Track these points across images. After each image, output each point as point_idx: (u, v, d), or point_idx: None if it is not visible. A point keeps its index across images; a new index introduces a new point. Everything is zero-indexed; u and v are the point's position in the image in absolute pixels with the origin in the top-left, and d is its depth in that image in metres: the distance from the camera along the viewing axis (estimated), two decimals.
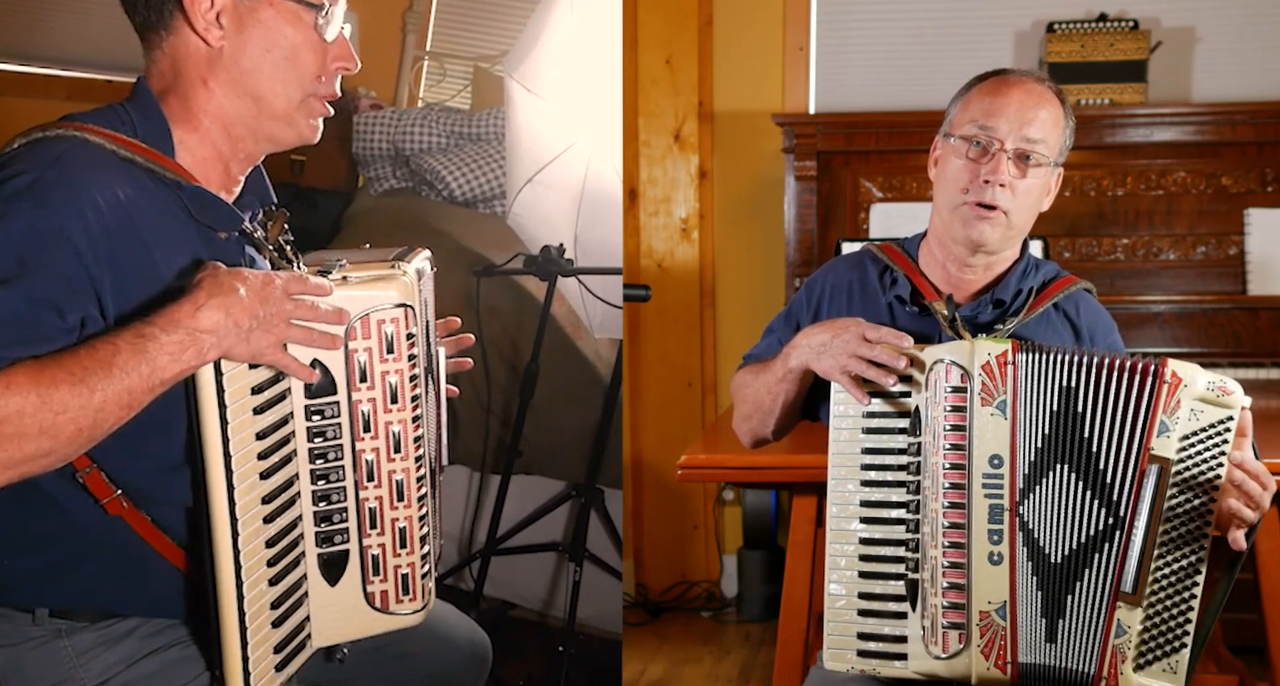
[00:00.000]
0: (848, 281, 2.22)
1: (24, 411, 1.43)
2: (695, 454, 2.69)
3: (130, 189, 1.64)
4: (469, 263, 3.56)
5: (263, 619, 1.69)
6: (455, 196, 4.26)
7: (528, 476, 3.72)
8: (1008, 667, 1.83)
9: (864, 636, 1.91)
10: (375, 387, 1.76)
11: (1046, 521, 1.86)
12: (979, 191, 2.05)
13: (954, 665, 1.84)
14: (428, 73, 5.15)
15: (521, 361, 3.51)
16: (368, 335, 1.74)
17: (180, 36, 1.74)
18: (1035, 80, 2.11)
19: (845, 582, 1.93)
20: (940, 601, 1.84)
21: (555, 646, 3.45)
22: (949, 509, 1.85)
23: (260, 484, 1.67)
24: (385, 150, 4.54)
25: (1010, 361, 1.86)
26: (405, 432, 1.80)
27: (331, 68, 1.80)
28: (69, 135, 1.65)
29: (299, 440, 1.74)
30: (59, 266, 1.54)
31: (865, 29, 4.56)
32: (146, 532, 1.73)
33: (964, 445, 1.85)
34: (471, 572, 3.62)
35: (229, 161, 1.80)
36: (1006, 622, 1.83)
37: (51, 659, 1.73)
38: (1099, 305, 2.23)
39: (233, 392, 1.60)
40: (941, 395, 1.87)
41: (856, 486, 1.94)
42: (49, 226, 1.54)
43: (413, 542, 1.84)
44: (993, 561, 1.83)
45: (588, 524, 3.47)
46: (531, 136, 3.45)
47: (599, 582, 3.59)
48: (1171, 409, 1.83)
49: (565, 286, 3.49)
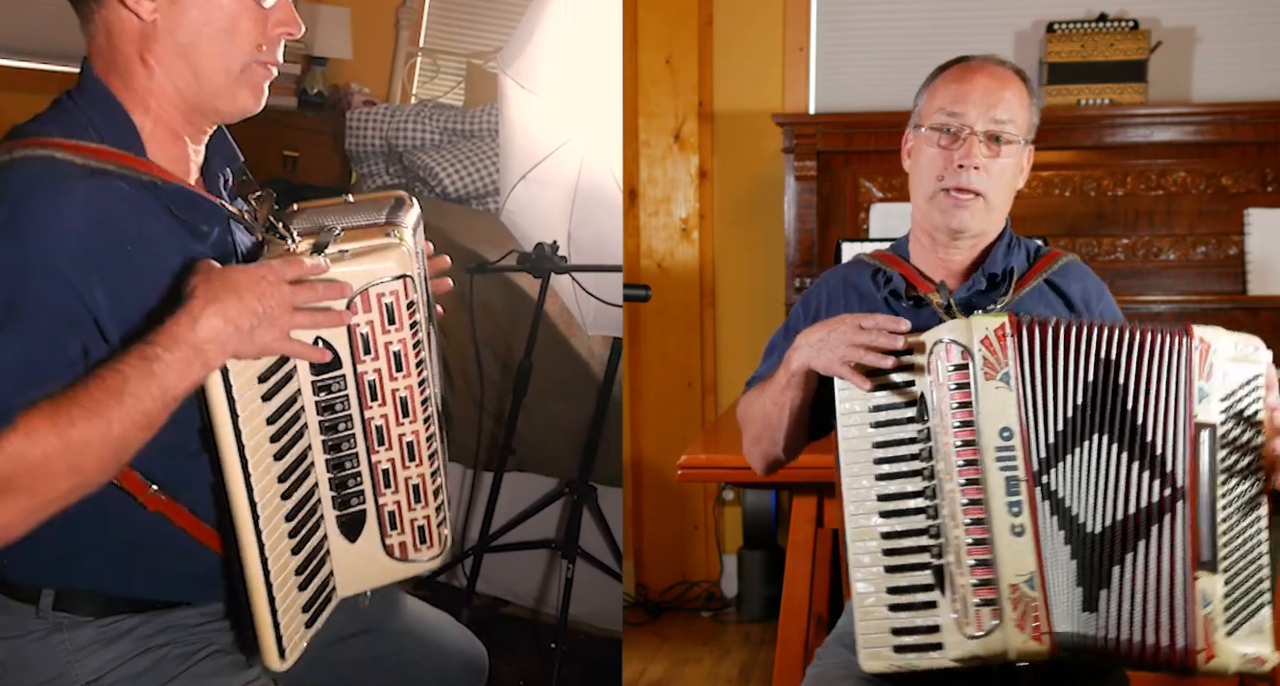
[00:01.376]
0: (842, 289, 2.22)
1: (49, 456, 1.45)
2: (695, 454, 2.70)
3: (106, 199, 1.59)
4: (462, 259, 3.55)
5: (289, 586, 1.73)
6: (449, 193, 4.26)
7: (521, 473, 3.72)
8: (1044, 638, 1.81)
9: (898, 631, 1.88)
10: (380, 358, 1.77)
11: (1082, 491, 1.85)
12: (954, 177, 2.06)
13: (990, 642, 1.81)
14: (421, 69, 5.15)
15: (515, 358, 3.51)
16: (368, 308, 1.73)
17: (111, 9, 1.66)
18: (996, 63, 2.13)
19: (872, 580, 1.90)
20: (969, 580, 1.82)
21: (548, 643, 3.45)
22: (965, 486, 1.83)
23: (275, 465, 1.69)
24: (378, 147, 4.54)
25: (1009, 334, 1.85)
26: (412, 397, 1.82)
27: (274, 34, 1.73)
28: (34, 156, 1.58)
29: (309, 415, 1.76)
30: (52, 302, 1.52)
31: (865, 29, 4.56)
32: (184, 521, 1.74)
33: (972, 421, 1.84)
34: (464, 569, 3.61)
35: (184, 138, 1.75)
36: (1038, 593, 1.81)
37: (48, 653, 1.73)
38: (1086, 270, 2.24)
39: (239, 386, 1.61)
40: (945, 375, 1.86)
41: (871, 481, 1.92)
42: (33, 262, 1.51)
43: (426, 496, 1.89)
44: (1015, 533, 1.82)
45: (580, 521, 3.48)
46: (525, 133, 3.45)
47: (591, 579, 3.59)
48: (1206, 373, 1.84)
49: (559, 283, 3.49)
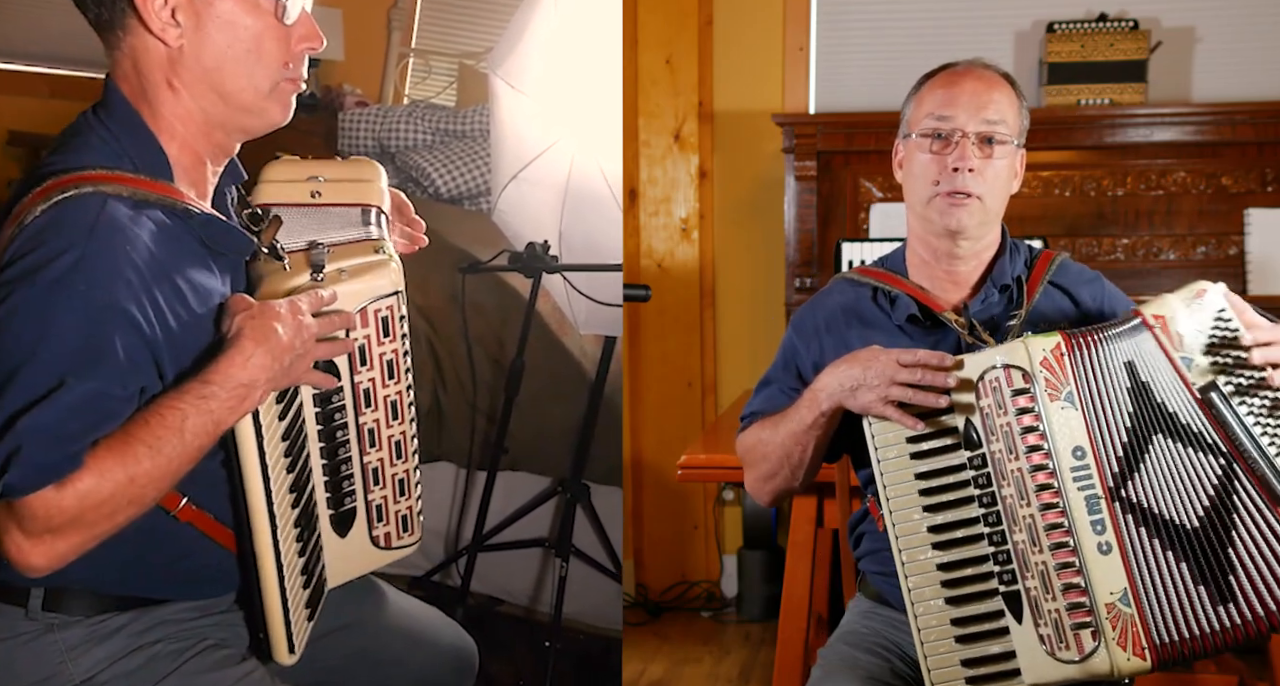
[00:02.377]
0: (839, 311, 2.18)
1: (116, 493, 1.52)
2: (695, 454, 2.71)
3: (151, 232, 1.62)
4: (454, 259, 3.56)
5: (297, 584, 1.82)
6: (441, 193, 4.27)
7: (514, 472, 3.72)
8: (1146, 653, 1.81)
9: (969, 662, 1.87)
10: (374, 368, 1.89)
11: (1166, 492, 1.84)
12: (949, 181, 2.05)
13: (1091, 665, 1.81)
14: (413, 70, 5.14)
15: (507, 358, 3.51)
16: (366, 324, 1.85)
17: (137, 36, 1.68)
18: (983, 67, 2.12)
19: (935, 613, 1.89)
20: (1060, 604, 1.81)
21: (542, 641, 3.45)
22: (1044, 510, 1.82)
23: (288, 477, 1.78)
24: (371, 147, 4.54)
25: (1065, 352, 1.84)
26: (401, 400, 1.94)
27: (297, 50, 1.74)
28: (88, 193, 1.59)
29: (309, 424, 1.85)
30: (124, 345, 1.55)
31: (865, 29, 4.55)
32: (211, 529, 1.79)
33: (1043, 445, 1.83)
34: (458, 569, 3.62)
35: (207, 160, 1.77)
36: (1133, 609, 1.80)
37: (41, 653, 1.74)
38: (1080, 266, 2.24)
39: (262, 407, 1.68)
40: (1006, 400, 1.84)
41: (921, 514, 1.90)
42: (106, 303, 1.54)
43: (410, 489, 2.01)
44: (1102, 552, 1.81)
45: (573, 519, 3.48)
46: (515, 133, 3.45)
47: (586, 577, 3.60)
48: (1178, 342, 1.85)
49: (550, 283, 3.50)
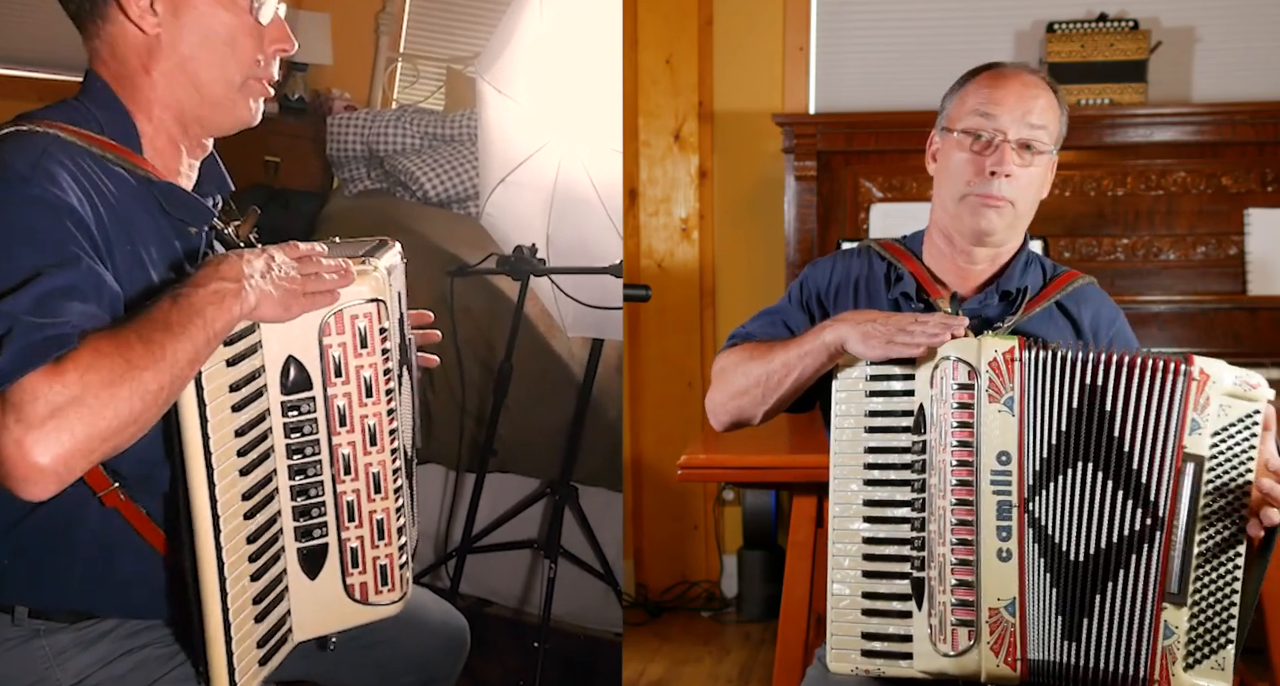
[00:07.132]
0: (855, 277, 2.21)
1: (115, 373, 1.45)
2: (695, 454, 2.69)
3: (110, 183, 1.66)
4: (443, 263, 3.59)
5: (245, 614, 1.69)
6: (429, 197, 4.28)
7: (503, 474, 3.74)
8: (1017, 664, 1.82)
9: (868, 636, 1.90)
10: (350, 382, 1.77)
11: (1065, 519, 1.84)
12: (984, 185, 2.06)
13: (963, 662, 1.83)
14: (401, 74, 5.16)
15: (495, 360, 3.53)
16: (341, 330, 1.75)
17: (116, 24, 1.74)
18: (1029, 71, 2.13)
19: (849, 582, 1.92)
20: (949, 599, 1.83)
21: (531, 642, 3.47)
22: (956, 506, 1.84)
23: (240, 480, 1.67)
24: (359, 151, 4.56)
25: (1017, 358, 1.84)
26: (381, 426, 1.81)
27: (269, 50, 1.81)
28: (42, 132, 1.65)
29: (276, 436, 1.75)
30: (87, 245, 1.55)
31: (865, 29, 4.55)
32: (139, 522, 1.74)
33: (971, 442, 1.85)
34: (447, 570, 3.65)
35: (183, 149, 1.82)
36: (1015, 619, 1.82)
37: (28, 659, 1.74)
38: (1102, 295, 2.22)
39: (211, 391, 1.60)
40: (948, 392, 1.86)
41: (860, 486, 1.93)
42: (65, 203, 1.55)
43: (390, 534, 1.85)
44: (1001, 558, 1.82)
45: (562, 520, 3.50)
46: (503, 137, 3.47)
47: (575, 578, 3.61)
48: (1201, 406, 1.82)
49: (538, 286, 3.52)
